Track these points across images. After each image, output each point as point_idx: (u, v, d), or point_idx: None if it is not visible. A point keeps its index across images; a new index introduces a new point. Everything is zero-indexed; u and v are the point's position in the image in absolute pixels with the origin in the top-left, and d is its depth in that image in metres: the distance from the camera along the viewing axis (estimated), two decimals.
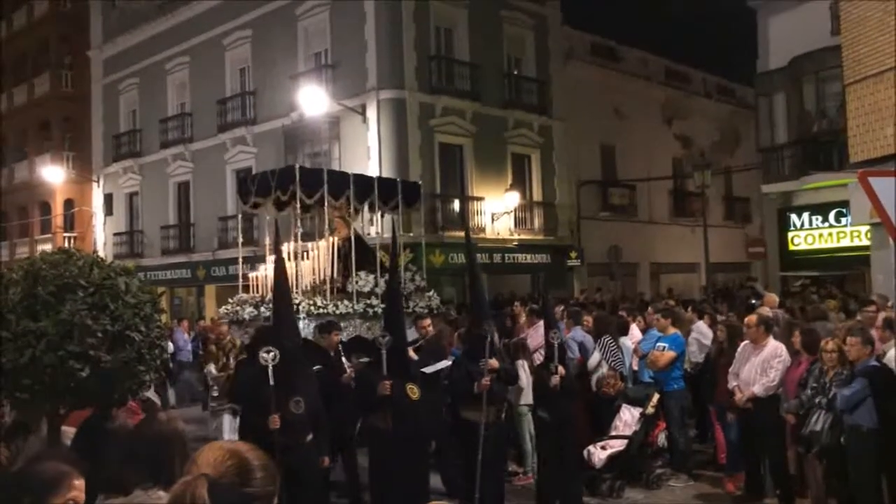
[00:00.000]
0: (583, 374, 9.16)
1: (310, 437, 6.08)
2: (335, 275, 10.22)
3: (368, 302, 9.98)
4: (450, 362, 7.95)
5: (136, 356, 4.43)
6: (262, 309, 10.11)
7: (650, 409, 8.46)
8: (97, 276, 4.42)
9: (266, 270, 10.81)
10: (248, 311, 10.33)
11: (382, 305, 9.95)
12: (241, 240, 12.33)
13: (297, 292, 9.91)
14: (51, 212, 32.10)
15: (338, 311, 9.71)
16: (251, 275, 11.05)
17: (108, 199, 29.55)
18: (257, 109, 23.36)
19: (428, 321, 9.18)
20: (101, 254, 4.90)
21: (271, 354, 5.73)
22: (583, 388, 8.94)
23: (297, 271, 10.25)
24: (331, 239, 10.48)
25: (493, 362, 6.76)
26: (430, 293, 11.17)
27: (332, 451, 7.37)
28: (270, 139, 22.33)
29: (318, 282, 10.28)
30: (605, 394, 8.91)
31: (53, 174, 28.82)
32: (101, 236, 29.53)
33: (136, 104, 28.36)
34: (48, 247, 27.82)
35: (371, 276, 10.25)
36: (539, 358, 9.51)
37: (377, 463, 6.74)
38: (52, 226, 31.84)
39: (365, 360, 8.01)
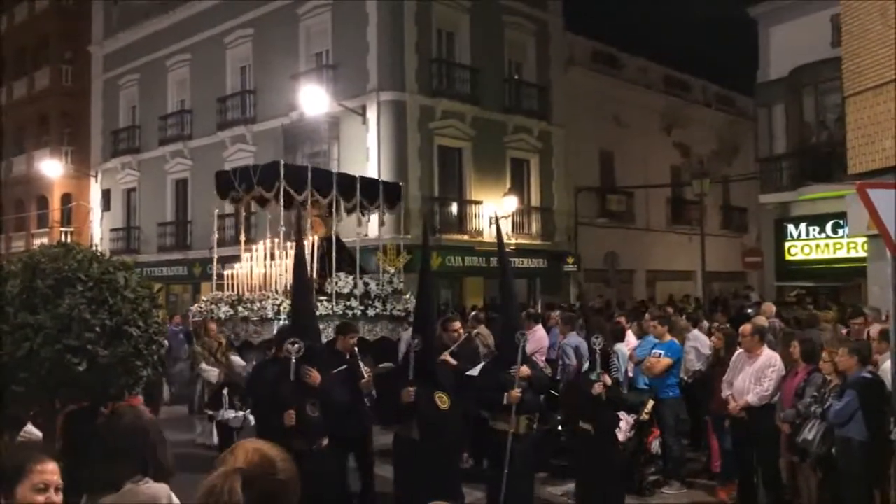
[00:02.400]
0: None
1: (325, 442, 5.84)
2: (314, 275, 10.09)
3: (348, 304, 9.87)
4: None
5: (134, 351, 4.43)
6: (240, 308, 9.99)
7: (644, 416, 8.46)
8: (96, 271, 4.42)
9: (241, 268, 10.70)
10: (224, 310, 10.10)
11: (361, 307, 9.90)
12: (216, 236, 12.24)
13: (277, 292, 9.82)
14: (48, 206, 32.07)
15: (318, 312, 9.58)
16: (226, 272, 10.92)
17: (106, 194, 29.52)
18: (257, 108, 23.37)
19: (458, 324, 8.98)
20: (95, 249, 4.90)
21: (296, 346, 5.47)
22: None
23: (277, 270, 10.14)
24: (311, 238, 10.34)
25: (525, 370, 6.38)
26: (407, 296, 11.02)
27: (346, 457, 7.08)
28: (270, 138, 22.34)
29: None
30: None
31: (51, 168, 28.84)
32: (98, 232, 29.49)
33: (136, 100, 28.35)
34: (44, 241, 27.77)
35: (350, 278, 10.11)
36: (537, 360, 9.52)
37: (404, 475, 6.35)
38: (48, 220, 31.81)
39: (388, 365, 7.86)
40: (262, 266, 10.39)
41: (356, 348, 7.88)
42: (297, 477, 2.02)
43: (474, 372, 7.22)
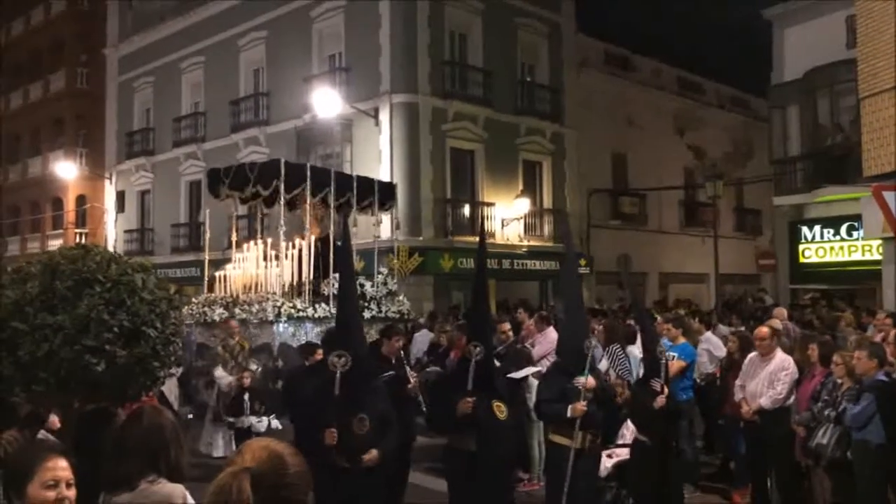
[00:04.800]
0: None
1: (374, 457, 5.33)
2: (311, 276, 9.95)
3: None
4: (537, 369, 7.38)
5: (151, 352, 4.48)
6: (237, 311, 9.83)
7: None
8: (115, 272, 4.46)
9: (233, 270, 10.59)
10: (219, 313, 10.00)
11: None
12: (208, 235, 12.23)
13: (276, 293, 9.72)
14: (63, 208, 32.31)
15: (316, 315, 9.50)
16: (217, 274, 10.83)
17: (120, 196, 29.72)
18: (270, 110, 23.47)
19: (507, 325, 8.70)
20: (111, 250, 4.95)
21: (342, 360, 5.06)
22: None
23: (276, 271, 10.00)
24: (310, 238, 10.22)
25: (591, 381, 5.95)
26: (401, 297, 10.88)
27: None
28: (283, 140, 22.43)
29: (295, 283, 9.95)
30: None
31: (66, 170, 29.06)
32: (113, 233, 29.69)
33: (151, 103, 28.55)
34: (59, 242, 27.99)
35: None
36: (547, 362, 9.51)
37: (459, 488, 5.85)
38: (63, 222, 32.05)
39: (435, 370, 7.67)
40: (258, 267, 10.28)
41: (402, 352, 7.63)
42: (308, 473, 2.03)
43: (517, 375, 6.91)
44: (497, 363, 7.04)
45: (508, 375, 6.75)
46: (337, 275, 9.92)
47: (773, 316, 11.45)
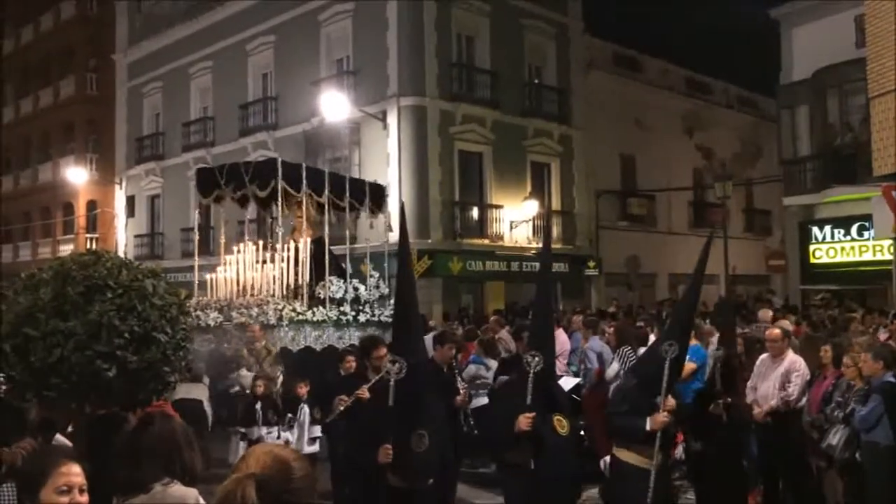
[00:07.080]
0: (601, 385, 9.16)
1: (431, 480, 4.97)
2: (307, 279, 9.82)
3: (342, 309, 9.65)
4: (577, 380, 7.22)
5: (162, 357, 4.50)
6: (234, 314, 9.64)
7: None
8: (125, 278, 4.49)
9: (225, 273, 10.47)
10: (214, 317, 9.79)
11: (353, 313, 9.69)
12: (198, 237, 12.15)
13: (274, 296, 9.60)
14: (73, 213, 32.48)
15: (314, 318, 9.40)
16: (208, 276, 10.71)
17: (130, 201, 29.87)
18: (279, 114, 23.54)
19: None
20: (122, 255, 4.94)
21: (396, 366, 4.62)
22: (601, 399, 8.91)
23: (272, 274, 9.84)
24: (305, 241, 10.10)
25: (670, 402, 5.36)
26: (392, 301, 10.77)
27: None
28: (291, 144, 22.48)
29: (291, 286, 9.80)
30: None
31: (77, 175, 29.23)
32: (123, 238, 29.84)
33: (160, 107, 28.69)
34: (70, 247, 28.17)
35: (341, 282, 9.92)
36: (559, 364, 9.49)
37: None
38: (74, 227, 32.21)
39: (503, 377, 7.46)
40: (249, 270, 10.15)
41: (454, 360, 7.36)
42: (313, 477, 2.03)
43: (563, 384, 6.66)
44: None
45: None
46: (333, 278, 9.85)
47: (758, 318, 11.36)
